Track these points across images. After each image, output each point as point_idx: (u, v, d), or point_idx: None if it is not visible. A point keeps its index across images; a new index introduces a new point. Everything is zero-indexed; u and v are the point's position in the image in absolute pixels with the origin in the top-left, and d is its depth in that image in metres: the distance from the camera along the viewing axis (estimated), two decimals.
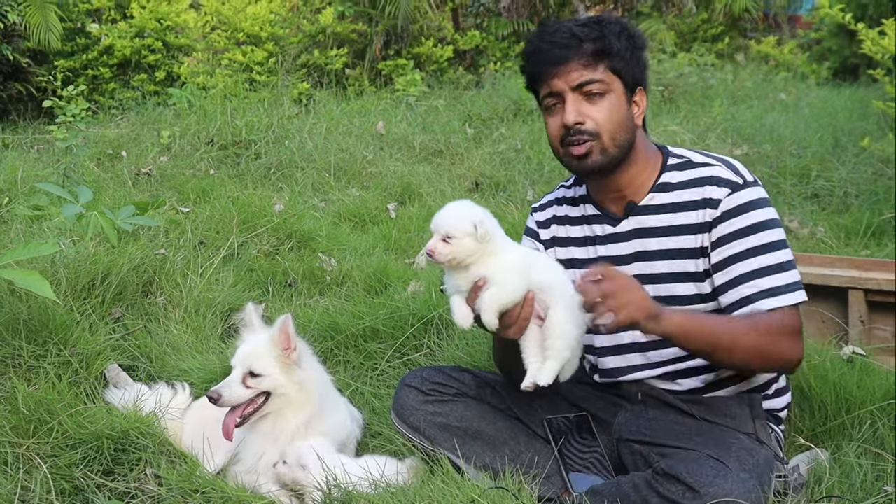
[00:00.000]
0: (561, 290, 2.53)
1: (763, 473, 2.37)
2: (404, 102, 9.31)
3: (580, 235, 2.82)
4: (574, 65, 2.55)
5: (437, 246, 2.47)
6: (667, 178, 2.66)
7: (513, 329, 2.49)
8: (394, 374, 3.57)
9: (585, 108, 2.56)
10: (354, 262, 4.82)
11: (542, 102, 2.66)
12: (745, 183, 2.56)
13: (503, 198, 6.45)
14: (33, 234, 4.64)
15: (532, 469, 2.61)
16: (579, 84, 2.55)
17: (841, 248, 5.10)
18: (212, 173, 6.80)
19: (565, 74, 2.56)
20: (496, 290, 2.43)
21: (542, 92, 2.64)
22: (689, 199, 2.61)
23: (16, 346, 3.47)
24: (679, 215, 2.61)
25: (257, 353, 2.86)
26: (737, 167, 2.61)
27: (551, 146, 2.69)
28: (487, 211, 2.57)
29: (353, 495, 2.59)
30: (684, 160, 2.68)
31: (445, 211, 2.53)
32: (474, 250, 2.46)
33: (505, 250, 2.52)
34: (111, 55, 10.77)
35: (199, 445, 3.01)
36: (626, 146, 2.61)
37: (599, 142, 2.56)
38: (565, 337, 2.49)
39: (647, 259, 2.65)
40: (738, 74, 10.75)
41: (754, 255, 2.50)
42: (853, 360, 3.30)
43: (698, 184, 2.61)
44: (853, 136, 7.06)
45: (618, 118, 2.58)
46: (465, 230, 2.45)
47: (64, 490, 2.78)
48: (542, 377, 2.47)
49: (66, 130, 6.72)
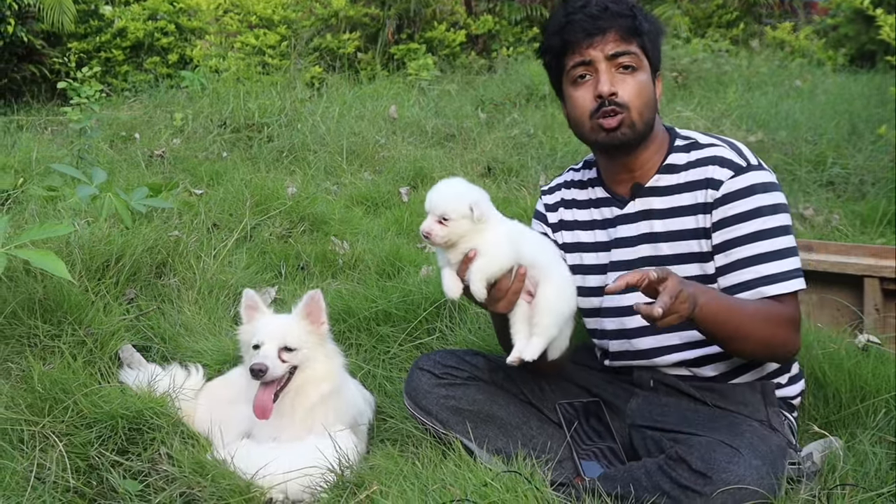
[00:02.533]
0: (552, 267, 2.54)
1: (776, 460, 2.36)
2: (417, 87, 9.29)
3: (587, 219, 2.82)
4: (611, 35, 2.54)
5: (434, 228, 2.47)
6: (672, 160, 2.66)
7: (502, 303, 2.49)
8: (406, 357, 3.57)
9: (618, 80, 2.55)
10: (367, 246, 4.82)
11: (569, 74, 2.63)
12: (748, 166, 2.55)
13: (515, 183, 6.43)
14: (48, 214, 4.65)
15: (544, 453, 2.61)
16: (614, 54, 2.54)
17: (856, 235, 5.07)
18: (224, 156, 6.81)
19: (601, 44, 2.55)
20: (484, 259, 2.44)
21: (570, 62, 2.61)
22: (692, 179, 2.61)
23: (31, 325, 3.49)
24: (682, 196, 2.61)
25: (290, 327, 2.88)
26: (741, 149, 2.61)
27: (575, 121, 2.67)
28: (480, 189, 2.56)
29: (365, 477, 2.60)
30: (690, 141, 2.68)
31: (441, 191, 2.51)
32: (469, 230, 2.46)
33: (495, 224, 2.52)
34: (124, 38, 10.79)
35: (211, 426, 3.03)
36: (651, 125, 2.61)
37: (629, 115, 2.55)
38: (553, 314, 2.49)
39: (652, 241, 2.65)
40: (752, 61, 10.67)
41: (755, 241, 2.50)
42: (868, 349, 3.29)
43: (701, 164, 2.61)
44: (870, 123, 7.02)
45: (646, 95, 2.58)
46: (461, 212, 2.45)
47: (79, 468, 2.80)
48: (528, 352, 2.47)
49: (79, 112, 6.74)
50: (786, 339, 2.50)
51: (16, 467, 2.72)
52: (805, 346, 3.07)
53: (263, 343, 2.84)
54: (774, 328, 2.46)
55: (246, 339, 2.95)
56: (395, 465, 2.66)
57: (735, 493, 2.20)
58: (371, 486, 2.52)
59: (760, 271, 2.48)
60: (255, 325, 2.94)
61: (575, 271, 2.79)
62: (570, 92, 2.65)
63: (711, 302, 2.35)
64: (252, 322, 2.97)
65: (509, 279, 2.47)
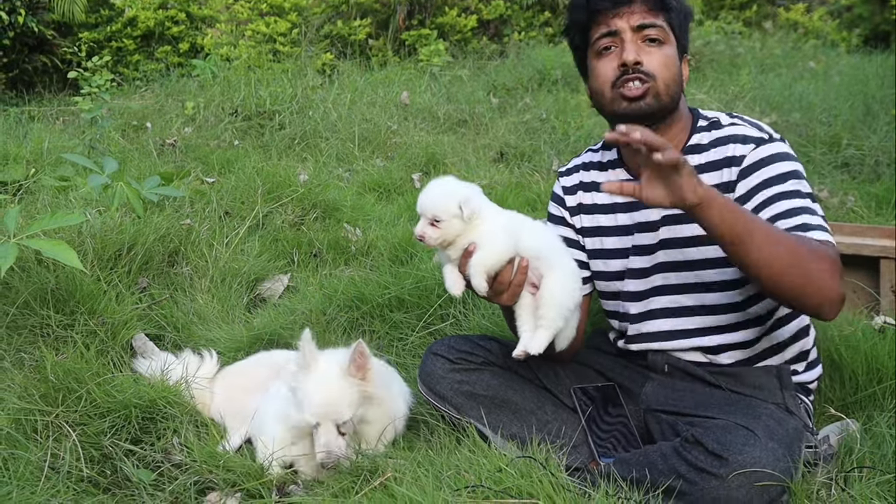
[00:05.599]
0: (556, 258, 2.52)
1: (792, 443, 2.35)
2: (428, 73, 9.26)
3: (608, 202, 2.78)
4: (638, 6, 2.52)
5: (427, 230, 2.48)
6: (696, 140, 2.63)
7: (505, 295, 2.47)
8: (420, 343, 3.57)
9: (644, 51, 2.52)
10: (379, 233, 4.81)
11: (594, 46, 2.60)
12: (770, 138, 2.53)
13: (528, 168, 6.41)
14: (60, 204, 4.66)
15: (559, 438, 2.60)
16: (641, 25, 2.52)
17: (872, 217, 5.04)
18: (236, 144, 6.81)
19: (628, 14, 2.52)
20: (482, 252, 2.43)
21: (596, 33, 2.58)
22: (714, 158, 2.58)
23: (44, 315, 3.50)
24: (705, 176, 2.55)
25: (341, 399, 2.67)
26: (762, 126, 2.58)
27: (597, 92, 2.62)
28: (471, 185, 2.55)
29: (380, 463, 2.59)
30: (713, 120, 2.65)
31: (430, 193, 2.51)
32: (462, 229, 2.46)
33: (492, 217, 2.50)
34: (135, 27, 10.78)
35: (224, 418, 3.02)
36: (676, 100, 2.58)
37: (654, 85, 2.51)
38: (558, 307, 2.47)
39: (674, 223, 2.61)
40: (766, 42, 10.61)
41: (784, 199, 2.42)
42: (885, 330, 3.26)
43: (723, 142, 2.57)
44: (884, 104, 6.97)
45: (673, 69, 2.55)
46: (451, 212, 2.44)
47: (93, 457, 2.80)
48: (534, 346, 2.46)
49: (91, 102, 6.75)
50: (824, 273, 2.26)
51: (30, 457, 2.72)
52: (821, 328, 3.05)
53: (319, 424, 2.66)
54: (811, 252, 2.27)
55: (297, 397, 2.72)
56: (409, 452, 2.66)
57: (751, 476, 2.18)
58: (385, 473, 2.52)
59: (793, 222, 2.38)
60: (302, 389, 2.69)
61: (595, 255, 2.79)
62: (594, 63, 2.61)
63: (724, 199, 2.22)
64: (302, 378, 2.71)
65: (510, 271, 2.45)
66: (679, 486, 2.25)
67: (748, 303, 2.59)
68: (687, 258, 2.59)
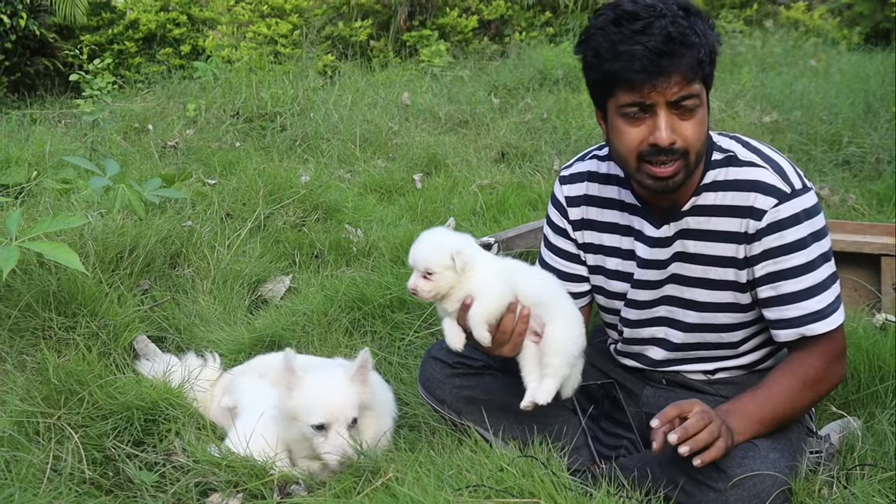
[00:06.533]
0: (557, 305, 2.51)
1: (795, 452, 2.35)
2: (429, 73, 9.26)
3: (612, 221, 2.66)
4: (676, 77, 2.23)
5: (419, 283, 2.46)
6: (712, 177, 2.45)
7: (507, 347, 2.44)
8: (421, 344, 3.57)
9: (677, 126, 2.28)
10: (381, 233, 4.81)
11: (621, 108, 2.32)
12: (792, 192, 2.36)
13: (529, 168, 6.41)
14: (62, 206, 4.67)
15: (560, 440, 2.58)
16: (678, 99, 2.26)
17: (873, 214, 5.03)
18: (237, 146, 6.81)
19: (664, 89, 2.24)
20: (480, 302, 2.41)
21: (625, 99, 2.29)
22: (731, 203, 2.42)
23: (46, 317, 3.51)
24: (721, 220, 2.44)
25: (350, 400, 2.72)
26: (785, 171, 2.40)
27: (619, 155, 2.41)
28: (465, 236, 2.55)
29: (381, 464, 2.60)
30: (729, 155, 2.46)
31: (421, 246, 2.51)
32: (456, 280, 2.44)
33: (485, 266, 2.48)
34: (136, 29, 10.79)
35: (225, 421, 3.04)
36: (703, 159, 2.42)
37: (685, 160, 2.32)
38: (563, 354, 2.46)
39: (684, 261, 2.52)
40: (767, 41, 10.59)
41: (801, 274, 2.37)
42: (886, 328, 3.26)
43: (742, 188, 2.41)
44: (885, 101, 6.96)
45: (704, 133, 2.34)
46: (443, 264, 2.43)
47: (95, 459, 2.81)
48: (541, 395, 2.44)
49: (92, 104, 6.76)
50: (833, 379, 2.47)
51: (32, 459, 2.73)
52: None
53: (331, 425, 2.67)
54: (816, 387, 2.43)
55: (291, 406, 2.73)
56: (410, 452, 2.67)
57: (751, 489, 2.18)
58: (387, 473, 2.52)
59: (808, 307, 2.37)
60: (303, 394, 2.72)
61: (597, 272, 2.73)
62: (619, 124, 2.35)
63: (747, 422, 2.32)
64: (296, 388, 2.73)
65: (512, 320, 2.43)
66: (676, 497, 2.25)
67: (750, 339, 2.59)
68: (692, 297, 2.54)
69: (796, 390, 2.38)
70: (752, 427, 2.30)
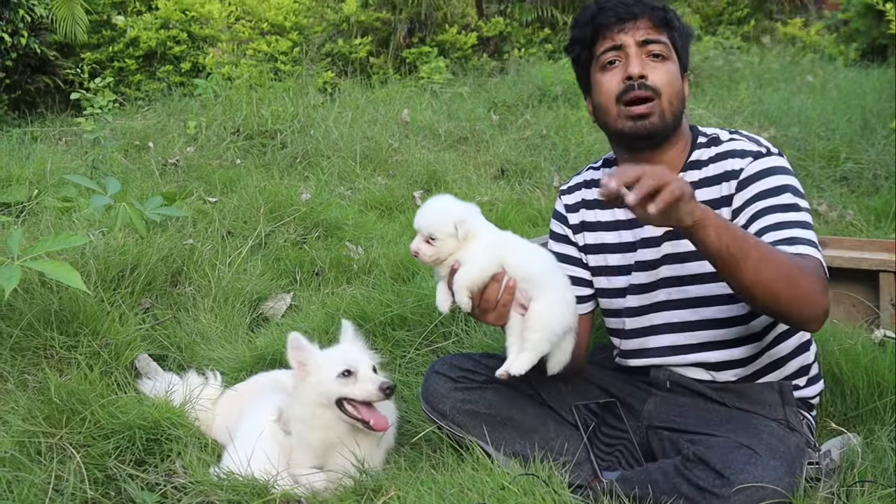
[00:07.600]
0: (546, 282, 2.52)
1: (794, 461, 2.35)
2: (429, 90, 9.30)
3: (610, 219, 2.78)
4: (643, 22, 2.55)
5: (422, 247, 2.51)
6: (696, 156, 2.65)
7: (492, 315, 2.48)
8: (422, 361, 3.57)
9: (648, 66, 2.55)
10: (381, 251, 4.82)
11: (598, 60, 2.61)
12: (768, 151, 2.55)
13: (529, 184, 6.44)
14: (63, 225, 4.68)
15: (562, 456, 2.59)
16: (646, 40, 2.55)
17: (871, 230, 5.05)
18: (238, 163, 6.83)
19: (633, 30, 2.55)
20: (464, 269, 2.45)
21: (601, 48, 2.60)
22: (713, 174, 2.60)
23: (47, 336, 3.51)
24: (705, 191, 2.58)
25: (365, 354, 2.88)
26: (760, 140, 2.61)
27: (601, 108, 2.64)
28: (471, 205, 2.58)
29: (383, 482, 2.60)
30: (713, 137, 2.67)
31: (427, 211, 2.54)
32: (456, 247, 2.49)
33: (481, 236, 2.53)
34: (137, 47, 10.85)
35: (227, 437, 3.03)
36: (678, 118, 2.60)
37: (659, 102, 2.54)
38: (544, 330, 2.47)
39: (676, 237, 2.60)
40: (764, 57, 10.66)
41: (775, 212, 2.44)
42: (885, 344, 3.27)
43: (722, 158, 2.60)
44: (882, 117, 6.99)
45: (676, 86, 2.57)
46: (447, 231, 2.48)
47: (97, 479, 2.80)
48: (515, 367, 2.46)
49: (93, 122, 6.80)
50: (812, 287, 2.30)
51: (34, 479, 2.72)
52: (821, 342, 3.05)
53: (357, 369, 2.78)
54: (799, 269, 2.29)
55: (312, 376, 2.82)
56: (412, 470, 2.67)
57: (753, 495, 2.19)
58: (388, 492, 2.52)
59: (783, 235, 2.39)
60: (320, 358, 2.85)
61: (599, 273, 2.79)
62: (598, 77, 2.63)
63: (715, 217, 2.20)
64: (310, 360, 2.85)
65: (497, 290, 2.46)
66: None
67: (749, 317, 2.59)
68: (690, 272, 2.59)
69: (778, 255, 2.29)
70: (716, 222, 2.19)
